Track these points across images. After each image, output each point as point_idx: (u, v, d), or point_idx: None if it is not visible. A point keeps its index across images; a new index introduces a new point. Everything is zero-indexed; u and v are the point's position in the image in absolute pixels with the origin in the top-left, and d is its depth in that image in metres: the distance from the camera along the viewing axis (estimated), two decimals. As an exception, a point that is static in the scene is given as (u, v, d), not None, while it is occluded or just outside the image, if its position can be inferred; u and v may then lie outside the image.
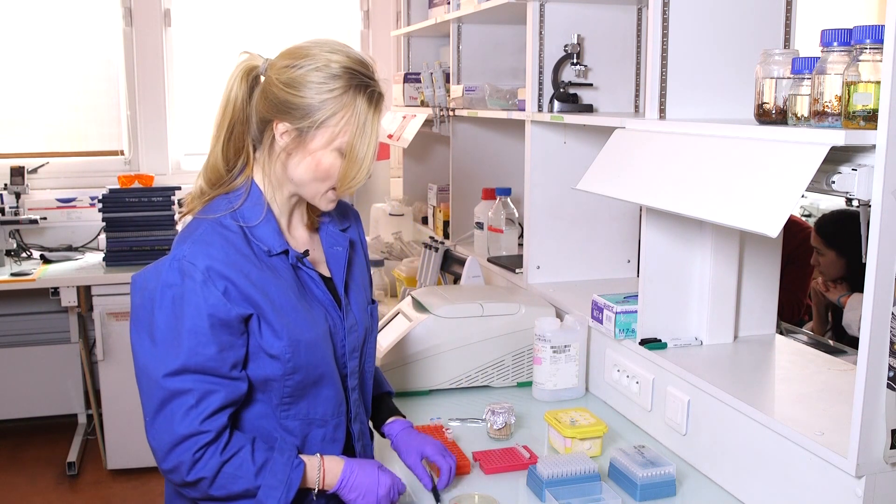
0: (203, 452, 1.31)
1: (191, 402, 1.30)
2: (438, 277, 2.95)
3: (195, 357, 1.30)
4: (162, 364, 1.31)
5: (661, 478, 1.58)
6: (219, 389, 1.32)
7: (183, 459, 1.31)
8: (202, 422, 1.30)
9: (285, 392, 1.39)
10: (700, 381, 1.67)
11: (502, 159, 3.14)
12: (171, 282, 1.32)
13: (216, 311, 1.31)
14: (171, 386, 1.30)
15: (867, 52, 1.20)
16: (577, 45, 2.31)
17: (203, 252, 1.32)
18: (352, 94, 1.35)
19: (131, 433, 3.57)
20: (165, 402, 1.31)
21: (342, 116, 1.34)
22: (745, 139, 1.42)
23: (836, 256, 3.02)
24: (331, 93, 1.34)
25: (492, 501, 1.53)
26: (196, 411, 1.30)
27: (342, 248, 1.53)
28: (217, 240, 1.35)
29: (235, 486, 1.33)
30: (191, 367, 1.30)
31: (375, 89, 1.38)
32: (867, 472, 1.27)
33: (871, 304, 1.21)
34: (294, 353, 1.36)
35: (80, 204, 4.06)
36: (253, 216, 1.40)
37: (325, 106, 1.34)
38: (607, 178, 1.76)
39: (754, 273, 1.90)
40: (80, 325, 3.94)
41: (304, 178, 1.39)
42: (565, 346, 2.03)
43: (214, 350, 1.31)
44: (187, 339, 1.30)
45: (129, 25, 4.14)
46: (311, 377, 1.40)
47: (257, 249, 1.38)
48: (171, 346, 1.31)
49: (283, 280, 1.39)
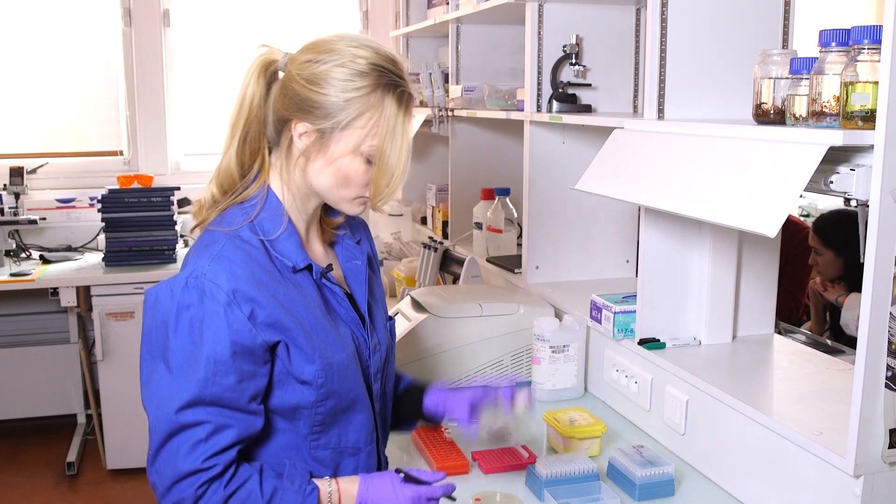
0: (206, 488, 1.19)
1: (200, 435, 1.18)
2: (437, 277, 2.95)
3: (211, 387, 1.18)
4: (176, 395, 1.19)
5: (660, 477, 1.58)
6: (233, 424, 1.20)
7: (185, 496, 1.20)
8: (208, 458, 1.19)
9: (316, 420, 1.28)
10: (698, 380, 1.67)
11: (501, 159, 3.15)
12: (188, 302, 1.20)
13: (240, 339, 1.19)
14: (183, 419, 1.18)
15: (865, 52, 1.21)
16: (575, 46, 2.31)
17: (226, 270, 1.20)
18: (380, 94, 1.23)
19: (131, 433, 3.58)
20: (173, 434, 1.19)
21: (370, 118, 1.23)
22: (744, 139, 1.43)
23: (834, 256, 3.03)
24: (357, 91, 1.23)
25: (513, 499, 1.53)
26: (205, 446, 1.18)
27: (360, 262, 1.42)
28: (240, 256, 1.23)
29: None
30: (206, 399, 1.18)
31: (406, 89, 1.26)
32: (865, 471, 1.28)
33: (869, 303, 1.21)
34: (327, 376, 1.26)
35: (80, 204, 4.06)
36: (272, 228, 1.28)
37: (350, 106, 1.23)
38: (606, 179, 1.77)
39: (753, 273, 1.90)
40: (80, 325, 3.94)
41: (326, 185, 1.28)
42: (564, 346, 2.03)
43: (234, 380, 1.19)
44: (205, 367, 1.18)
45: (128, 26, 4.14)
46: (343, 402, 1.30)
47: (280, 265, 1.27)
48: (186, 374, 1.19)
49: (310, 298, 1.28)
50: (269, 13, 4.25)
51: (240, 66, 1.39)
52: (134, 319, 3.56)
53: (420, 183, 3.79)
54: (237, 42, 4.21)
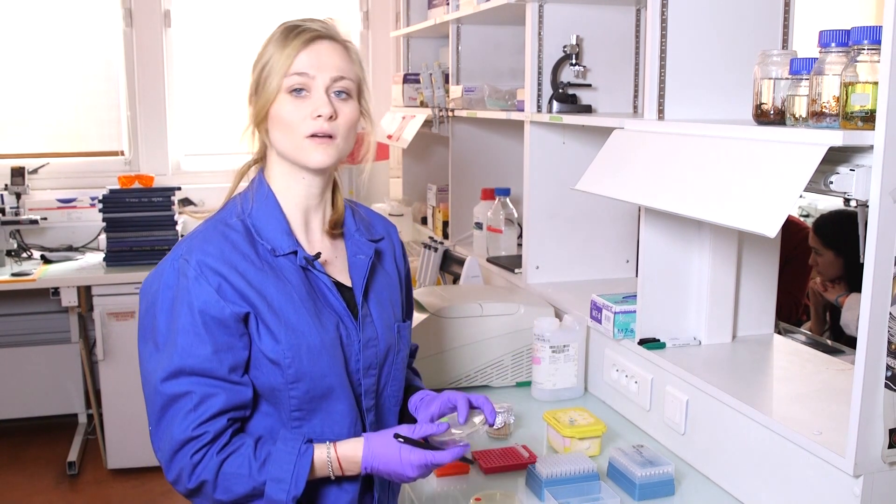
0: (203, 454, 1.24)
1: (189, 405, 1.24)
2: (438, 277, 2.95)
3: (189, 358, 1.25)
4: (160, 368, 1.26)
5: (660, 477, 1.59)
6: (218, 392, 1.26)
7: (183, 465, 1.25)
8: (198, 426, 1.24)
9: (293, 405, 1.31)
10: (698, 380, 1.67)
11: (501, 160, 3.15)
12: (170, 283, 1.28)
13: (208, 308, 1.26)
14: (169, 390, 1.25)
15: (865, 52, 1.21)
16: (575, 46, 2.31)
17: (198, 248, 1.29)
18: (280, 38, 1.35)
19: (131, 433, 3.58)
20: (165, 407, 1.26)
21: (271, 52, 1.34)
22: (744, 139, 1.43)
23: (833, 256, 3.03)
24: (267, 46, 1.35)
25: (513, 499, 1.53)
26: (194, 415, 1.24)
27: (365, 256, 1.43)
28: (215, 237, 1.31)
29: (239, 487, 1.25)
30: (186, 369, 1.25)
31: (308, 27, 1.35)
32: (865, 471, 1.28)
33: (868, 303, 1.21)
34: (294, 357, 1.29)
35: (81, 204, 4.06)
36: (260, 213, 1.35)
37: (265, 55, 1.34)
38: (606, 179, 1.77)
39: (753, 273, 1.90)
40: (81, 325, 3.95)
41: (277, 139, 1.35)
42: (564, 346, 2.03)
43: (209, 350, 1.25)
44: (181, 338, 1.25)
45: (129, 26, 4.14)
46: (318, 388, 1.31)
47: (262, 249, 1.32)
48: (168, 348, 1.26)
49: (287, 283, 1.32)
50: (270, 14, 4.26)
51: (240, 66, 1.46)
52: (135, 319, 3.56)
53: (420, 183, 3.80)
54: (238, 42, 4.21)
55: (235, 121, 1.44)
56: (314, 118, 1.31)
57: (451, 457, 1.31)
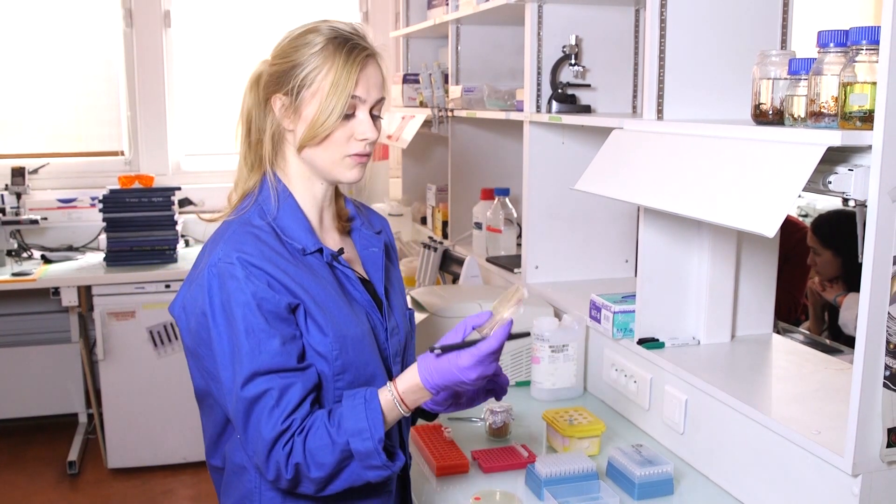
0: (291, 443, 1.23)
1: (270, 402, 1.23)
2: (437, 277, 2.96)
3: (260, 356, 1.24)
4: (236, 377, 1.24)
5: (659, 476, 1.59)
6: (295, 382, 1.25)
7: (278, 459, 1.23)
8: (286, 418, 1.23)
9: (337, 395, 1.31)
10: (697, 380, 1.68)
11: (501, 160, 3.15)
12: (213, 290, 1.26)
13: (265, 304, 1.25)
14: (248, 394, 1.24)
15: (863, 52, 1.21)
16: (575, 46, 2.32)
17: (237, 250, 1.28)
18: (333, 48, 1.30)
19: (132, 433, 3.59)
20: (249, 411, 1.24)
21: (323, 68, 1.30)
22: (742, 140, 1.43)
23: (832, 256, 3.03)
24: (314, 47, 1.31)
25: (513, 498, 1.54)
26: (278, 410, 1.23)
27: (378, 249, 1.47)
28: (249, 238, 1.30)
29: (328, 457, 1.23)
30: (260, 370, 1.24)
31: (359, 43, 1.32)
32: (863, 470, 1.28)
33: (867, 303, 1.21)
34: (342, 349, 1.30)
35: (81, 204, 4.07)
36: (282, 214, 1.35)
37: (309, 62, 1.30)
38: (605, 179, 1.77)
39: (751, 273, 1.91)
40: (81, 324, 3.95)
41: (311, 150, 1.34)
42: (563, 346, 2.04)
43: (278, 344, 1.25)
44: (247, 340, 1.24)
45: (129, 26, 4.14)
46: (361, 377, 1.33)
47: (291, 248, 1.33)
48: (236, 354, 1.25)
49: (322, 278, 1.34)
50: (270, 14, 4.26)
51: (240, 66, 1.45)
52: (135, 319, 3.57)
53: (420, 183, 3.80)
54: (238, 43, 4.22)
55: (236, 121, 1.43)
56: (359, 140, 1.33)
57: (497, 340, 1.25)
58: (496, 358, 1.27)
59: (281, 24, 4.51)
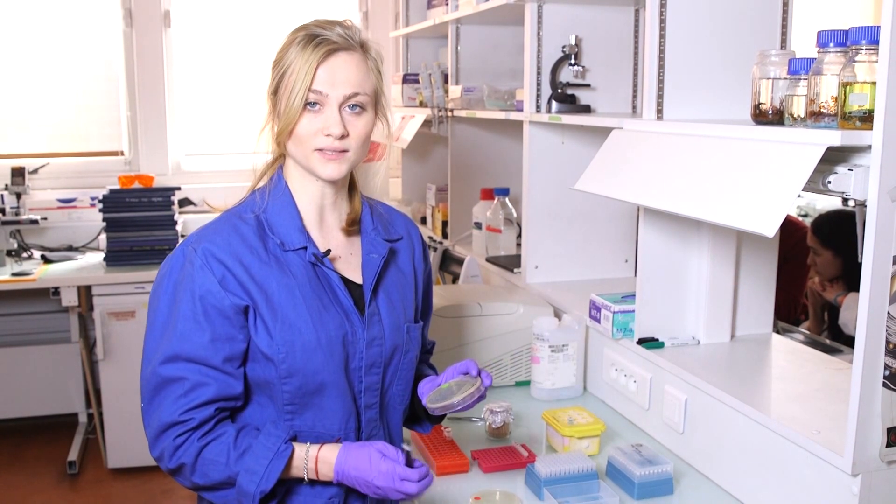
0: (185, 439, 1.29)
1: (180, 391, 1.29)
2: (437, 277, 2.96)
3: (186, 343, 1.29)
4: (158, 350, 1.30)
5: (659, 476, 1.59)
6: (210, 382, 1.29)
7: (166, 446, 1.29)
8: (186, 412, 1.28)
9: (285, 398, 1.33)
10: (697, 380, 1.68)
11: (500, 160, 3.15)
12: (176, 268, 1.32)
13: (209, 297, 1.29)
14: (164, 373, 1.29)
15: (863, 52, 1.21)
16: (574, 46, 2.32)
17: (206, 238, 1.32)
18: (303, 44, 1.32)
19: (132, 432, 3.58)
20: (158, 389, 1.30)
21: (295, 67, 1.32)
22: (742, 139, 1.43)
23: (832, 256, 3.03)
24: (291, 47, 1.33)
25: (513, 498, 1.54)
26: (184, 400, 1.28)
27: (378, 255, 1.44)
28: (225, 229, 1.34)
29: (215, 473, 1.28)
30: (182, 355, 1.29)
31: (325, 38, 1.32)
32: (863, 469, 1.28)
33: (866, 303, 1.22)
34: (288, 353, 1.31)
35: (81, 204, 4.07)
36: (274, 208, 1.38)
37: (285, 61, 1.33)
38: (605, 179, 1.77)
39: (751, 272, 1.91)
40: (81, 324, 3.95)
41: (289, 145, 1.36)
42: (563, 346, 2.04)
43: (207, 338, 1.29)
44: (181, 323, 1.29)
45: (129, 26, 4.14)
46: (311, 385, 1.33)
47: (271, 244, 1.35)
48: (167, 331, 1.30)
49: (293, 278, 1.34)
50: (270, 14, 4.26)
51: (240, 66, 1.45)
52: (135, 319, 3.57)
53: (420, 183, 3.80)
54: (237, 43, 4.21)
55: (236, 121, 1.45)
56: (325, 135, 1.33)
57: (418, 475, 1.29)
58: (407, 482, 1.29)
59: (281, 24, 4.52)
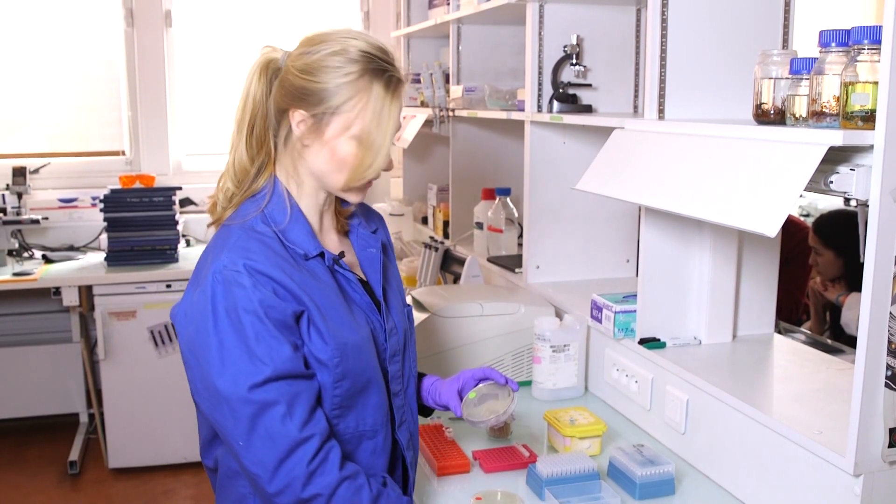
0: (321, 466, 1.23)
1: (282, 410, 1.22)
2: (438, 277, 2.96)
3: (274, 362, 1.22)
4: (242, 380, 1.21)
5: (660, 476, 1.59)
6: (302, 391, 1.25)
7: (296, 475, 1.22)
8: (302, 427, 1.22)
9: (335, 402, 1.31)
10: (699, 380, 1.68)
11: (502, 159, 3.15)
12: (218, 297, 1.24)
13: (272, 311, 1.24)
14: (259, 398, 1.21)
15: (865, 52, 1.21)
16: (576, 46, 2.31)
17: (242, 257, 1.25)
18: (368, 79, 1.30)
19: (132, 432, 3.59)
20: (256, 417, 1.22)
21: (358, 101, 1.29)
22: (744, 139, 1.43)
23: (834, 256, 3.03)
24: (346, 77, 1.29)
25: (514, 498, 1.53)
26: (290, 419, 1.22)
27: (375, 249, 1.47)
28: (254, 244, 1.28)
29: None
30: (275, 375, 1.22)
31: (394, 74, 1.33)
32: (865, 470, 1.28)
33: (868, 303, 1.21)
34: (342, 357, 1.29)
35: (82, 204, 4.07)
36: (281, 218, 1.34)
37: (340, 91, 1.29)
38: (606, 179, 1.77)
39: (753, 272, 1.90)
40: (82, 324, 3.95)
41: (323, 168, 1.33)
42: (565, 346, 2.04)
43: (289, 351, 1.24)
44: (258, 346, 1.22)
45: (130, 26, 4.15)
46: (358, 384, 1.33)
47: (293, 253, 1.32)
48: (245, 360, 1.22)
49: (324, 283, 1.33)
50: (270, 14, 4.26)
51: (241, 66, 1.43)
52: (136, 319, 3.57)
53: (421, 183, 3.80)
54: (238, 42, 4.22)
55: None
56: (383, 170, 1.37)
57: None
58: None
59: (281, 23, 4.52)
